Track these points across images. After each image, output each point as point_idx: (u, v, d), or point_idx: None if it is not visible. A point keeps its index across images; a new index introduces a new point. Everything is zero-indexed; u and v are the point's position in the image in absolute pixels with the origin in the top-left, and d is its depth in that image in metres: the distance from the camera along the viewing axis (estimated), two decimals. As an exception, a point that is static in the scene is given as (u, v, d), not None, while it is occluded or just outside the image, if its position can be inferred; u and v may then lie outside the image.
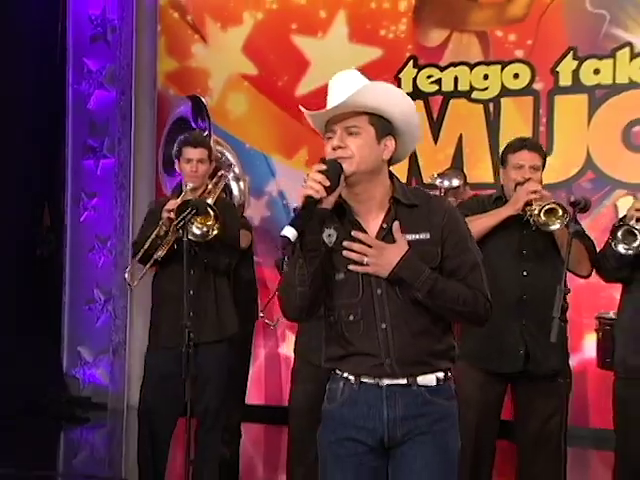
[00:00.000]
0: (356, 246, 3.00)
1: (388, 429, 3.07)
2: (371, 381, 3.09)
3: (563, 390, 4.55)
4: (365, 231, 3.09)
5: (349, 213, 3.10)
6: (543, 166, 4.73)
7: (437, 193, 7.01)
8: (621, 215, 6.60)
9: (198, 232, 4.98)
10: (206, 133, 6.73)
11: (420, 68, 7.96)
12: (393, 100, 3.03)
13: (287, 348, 7.62)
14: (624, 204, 7.14)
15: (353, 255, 3.01)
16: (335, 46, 8.17)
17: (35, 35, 8.40)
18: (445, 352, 3.15)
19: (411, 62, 7.96)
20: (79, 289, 8.75)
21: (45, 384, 8.38)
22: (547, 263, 4.23)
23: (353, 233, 3.02)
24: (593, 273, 4.74)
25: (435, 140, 7.98)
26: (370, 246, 2.95)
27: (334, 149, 2.95)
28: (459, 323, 3.66)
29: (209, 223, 5.01)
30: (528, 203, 4.44)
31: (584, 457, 7.01)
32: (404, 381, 3.04)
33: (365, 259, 2.99)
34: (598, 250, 4.67)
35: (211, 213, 5.02)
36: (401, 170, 7.60)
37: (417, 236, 3.07)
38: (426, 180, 7.84)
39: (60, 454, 7.84)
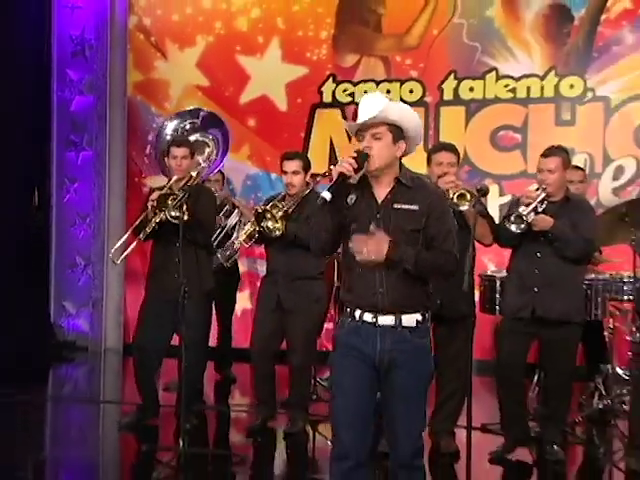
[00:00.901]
0: (357, 241, 3.36)
1: (379, 356, 3.43)
2: (370, 318, 3.46)
3: (470, 327, 4.80)
4: (377, 199, 3.48)
5: (368, 185, 3.49)
6: (457, 163, 5.24)
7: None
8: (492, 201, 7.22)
9: (175, 214, 5.31)
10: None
11: (338, 83, 8.26)
12: (407, 116, 3.44)
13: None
14: (492, 191, 7.30)
15: (357, 247, 3.38)
16: (270, 65, 8.42)
17: (26, 51, 8.34)
18: (421, 297, 3.52)
19: (331, 78, 8.27)
20: (63, 256, 8.87)
21: (37, 331, 8.49)
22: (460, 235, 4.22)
23: (354, 237, 3.39)
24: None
25: (349, 140, 7.80)
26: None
27: (365, 146, 3.41)
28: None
29: (183, 208, 5.31)
30: (447, 190, 4.82)
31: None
32: (392, 322, 3.43)
33: (364, 250, 3.32)
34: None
35: (186, 202, 5.35)
36: (322, 161, 8.04)
37: (409, 206, 3.46)
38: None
39: (49, 384, 8.01)
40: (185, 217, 5.26)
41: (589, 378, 6.21)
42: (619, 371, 6.16)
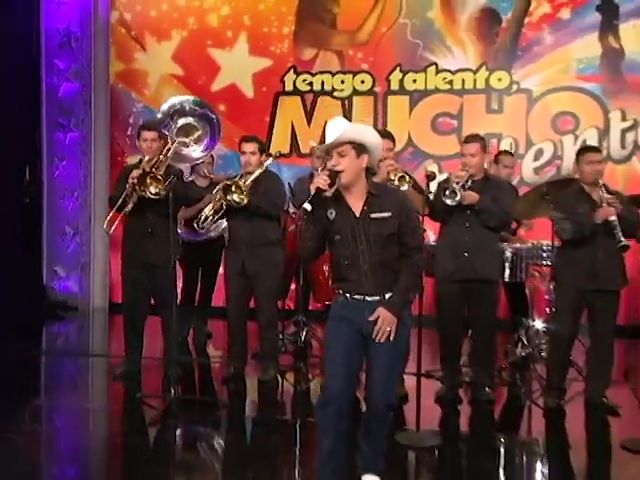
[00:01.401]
0: (381, 331, 3.56)
1: (365, 325, 3.58)
2: (359, 297, 3.65)
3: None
4: (354, 212, 3.63)
5: (344, 200, 3.61)
6: (394, 147, 5.40)
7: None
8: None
9: (154, 191, 5.37)
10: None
11: (298, 74, 8.37)
12: (365, 134, 3.57)
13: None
14: (431, 168, 7.57)
15: (381, 337, 3.56)
16: (239, 57, 8.47)
17: (17, 43, 8.22)
18: (394, 279, 3.67)
19: (292, 70, 8.37)
20: (54, 226, 8.80)
21: (31, 292, 8.45)
22: None
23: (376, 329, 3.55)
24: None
25: (308, 124, 8.34)
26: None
27: (334, 165, 3.53)
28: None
29: (160, 186, 5.35)
30: (388, 173, 4.99)
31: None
32: (378, 298, 3.61)
33: (386, 329, 3.56)
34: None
35: (161, 179, 5.39)
36: (284, 143, 8.32)
37: (383, 214, 3.62)
38: (303, 150, 8.20)
39: (43, 339, 8.01)
40: (164, 192, 5.31)
41: (514, 330, 6.35)
42: (538, 324, 6.28)
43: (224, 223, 6.37)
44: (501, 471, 4.42)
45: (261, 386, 5.74)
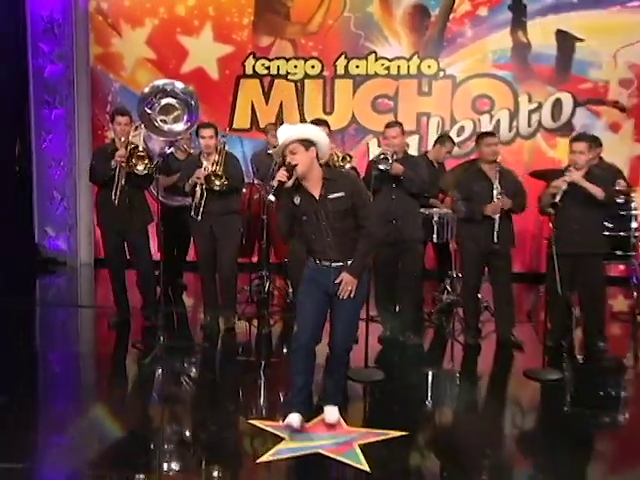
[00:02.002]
0: (344, 290, 3.76)
1: (331, 285, 3.79)
2: (326, 263, 3.85)
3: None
4: (314, 196, 3.80)
5: (305, 188, 3.78)
6: (330, 132, 5.53)
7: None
8: (372, 150, 7.57)
9: (141, 169, 5.47)
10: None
11: (257, 59, 8.32)
12: (307, 131, 3.80)
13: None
14: (372, 143, 8.07)
15: (344, 292, 3.75)
16: (204, 43, 8.39)
17: (5, 29, 8.08)
18: (353, 247, 3.83)
19: (252, 55, 8.33)
20: (43, 191, 8.79)
21: (25, 250, 8.51)
22: None
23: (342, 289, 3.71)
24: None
25: (266, 103, 8.34)
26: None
27: (289, 162, 3.72)
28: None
29: (146, 163, 5.48)
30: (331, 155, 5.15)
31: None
32: (341, 263, 3.82)
33: (347, 290, 3.75)
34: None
35: (146, 157, 5.50)
36: (245, 119, 8.32)
37: (338, 194, 3.81)
38: (262, 125, 8.01)
39: (37, 292, 8.03)
40: (147, 170, 5.44)
41: (441, 280, 6.61)
42: (460, 276, 6.34)
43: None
44: (429, 397, 4.71)
45: (228, 332, 5.80)
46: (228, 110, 8.36)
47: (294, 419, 3.71)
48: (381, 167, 5.22)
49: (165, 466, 3.57)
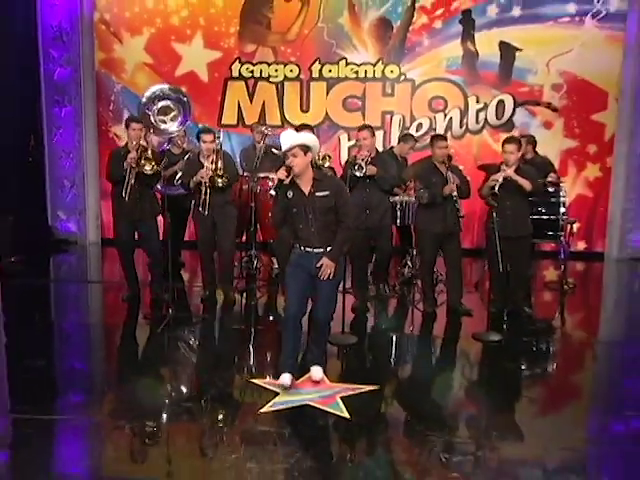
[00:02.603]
0: (324, 272, 3.92)
1: (313, 268, 3.97)
2: (309, 250, 4.02)
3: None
4: (305, 192, 3.95)
5: (298, 185, 3.95)
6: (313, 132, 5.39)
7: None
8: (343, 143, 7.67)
9: (149, 169, 5.54)
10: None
11: (242, 64, 8.30)
12: (306, 139, 3.98)
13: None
14: (343, 137, 8.17)
15: (324, 273, 3.91)
16: (196, 49, 8.37)
17: (19, 38, 8.00)
18: (333, 235, 3.99)
19: (237, 60, 8.32)
20: (55, 180, 8.71)
21: (40, 232, 8.49)
22: None
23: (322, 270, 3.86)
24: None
25: (250, 102, 8.33)
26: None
27: (289, 164, 3.92)
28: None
29: (153, 164, 5.53)
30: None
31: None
32: (322, 250, 4.00)
33: (327, 271, 3.91)
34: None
35: (152, 159, 5.57)
36: (232, 117, 8.33)
37: (324, 193, 3.98)
38: (247, 122, 8.03)
39: (51, 268, 8.03)
40: (152, 171, 5.53)
41: (402, 257, 6.78)
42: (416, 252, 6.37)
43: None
44: (393, 357, 4.98)
45: (227, 303, 5.92)
46: (217, 109, 8.39)
47: (286, 378, 3.97)
48: (357, 174, 5.36)
49: (180, 416, 3.78)
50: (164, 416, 3.84)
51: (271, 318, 5.81)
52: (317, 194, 3.97)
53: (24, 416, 3.56)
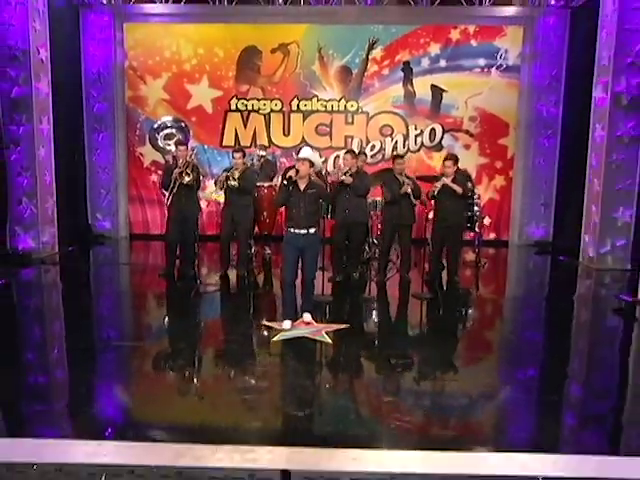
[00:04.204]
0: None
1: (300, 244, 4.51)
2: (297, 231, 4.55)
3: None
4: (300, 188, 4.45)
5: (297, 183, 4.49)
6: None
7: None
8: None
9: (187, 180, 6.03)
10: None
11: (239, 99, 8.79)
12: (313, 157, 4.61)
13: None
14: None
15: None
16: (203, 89, 8.79)
17: (69, 81, 8.22)
18: (317, 222, 4.59)
19: (235, 97, 8.79)
20: (94, 189, 9.06)
21: (82, 229, 8.84)
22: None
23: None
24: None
25: (244, 128, 8.79)
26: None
27: (297, 167, 4.49)
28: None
29: (189, 178, 6.03)
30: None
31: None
32: (306, 231, 4.55)
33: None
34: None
35: (191, 173, 6.06)
36: (231, 140, 8.66)
37: (312, 190, 4.56)
38: (243, 144, 8.46)
39: (91, 255, 8.37)
40: (190, 181, 6.04)
41: (365, 242, 6.87)
42: (375, 240, 6.93)
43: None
44: (358, 307, 5.68)
45: (237, 278, 6.45)
46: (219, 134, 8.85)
47: (287, 323, 4.68)
48: (343, 179, 5.92)
49: (219, 344, 4.57)
50: (208, 344, 4.65)
51: (273, 283, 6.49)
52: (308, 191, 4.67)
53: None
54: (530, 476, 2.58)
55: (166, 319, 5.51)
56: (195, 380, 3.98)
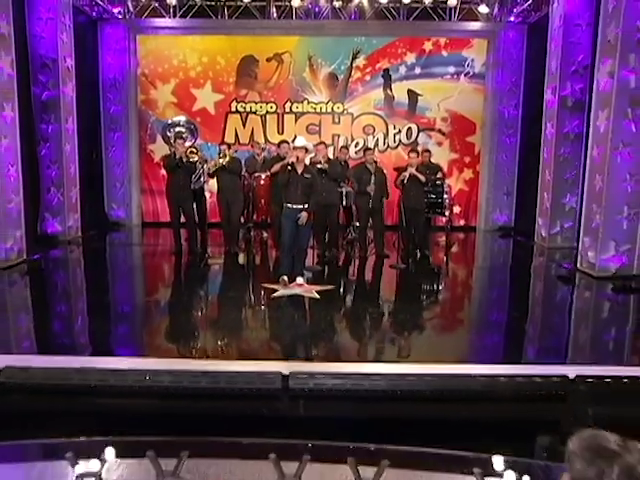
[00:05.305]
0: (303, 218, 5.01)
1: (295, 217, 5.10)
2: (294, 206, 5.20)
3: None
4: (298, 172, 5.03)
5: (295, 167, 5.09)
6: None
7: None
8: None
9: (195, 159, 6.80)
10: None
11: (238, 102, 9.38)
12: (309, 146, 5.28)
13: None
14: None
15: (302, 220, 4.99)
16: (206, 93, 9.39)
17: (89, 86, 8.72)
18: (307, 200, 5.13)
19: (235, 100, 9.39)
20: (110, 182, 9.61)
21: (99, 217, 9.36)
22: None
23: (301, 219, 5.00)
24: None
25: (243, 128, 9.40)
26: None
27: (296, 154, 5.13)
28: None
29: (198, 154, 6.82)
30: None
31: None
32: (301, 207, 5.19)
33: (304, 220, 5.04)
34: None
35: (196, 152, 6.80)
36: (232, 138, 9.21)
37: (307, 175, 5.13)
38: (242, 142, 9.03)
39: (107, 239, 8.82)
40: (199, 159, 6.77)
41: (347, 227, 7.82)
42: (357, 223, 7.35)
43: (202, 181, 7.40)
44: (342, 274, 6.50)
45: (232, 254, 7.16)
46: (220, 133, 9.47)
47: (284, 277, 5.45)
48: (319, 166, 6.51)
49: (227, 300, 5.39)
50: (215, 301, 5.52)
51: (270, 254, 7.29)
52: (304, 175, 5.43)
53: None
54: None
55: (181, 280, 6.40)
56: (215, 319, 4.88)
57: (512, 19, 9.28)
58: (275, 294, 5.34)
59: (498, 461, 1.78)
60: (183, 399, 3.37)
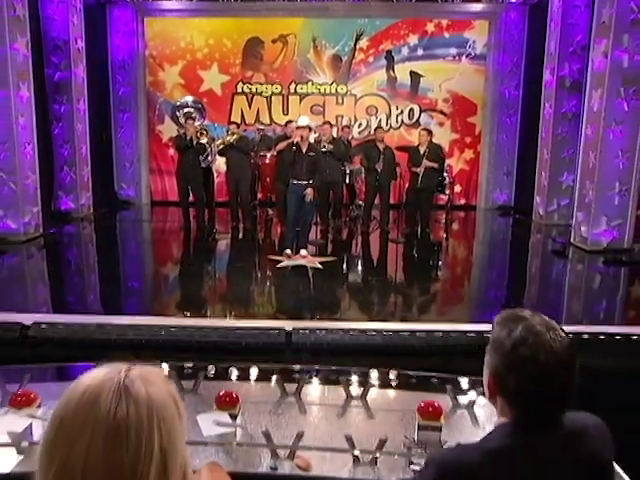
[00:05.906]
0: (308, 195, 5.24)
1: (301, 193, 5.32)
2: (299, 182, 5.45)
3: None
4: (303, 151, 5.25)
5: (300, 145, 5.32)
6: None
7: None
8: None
9: (205, 140, 6.89)
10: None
11: (244, 84, 9.52)
12: (312, 125, 5.46)
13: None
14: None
15: (308, 197, 5.26)
16: (213, 74, 9.53)
17: (100, 68, 8.88)
18: (312, 177, 5.37)
19: (241, 82, 9.55)
20: (119, 162, 9.76)
21: (109, 196, 9.50)
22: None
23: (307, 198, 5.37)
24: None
25: (249, 108, 9.58)
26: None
27: (300, 133, 5.34)
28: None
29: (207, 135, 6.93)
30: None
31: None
32: (306, 182, 5.43)
33: (309, 196, 5.31)
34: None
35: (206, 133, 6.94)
36: (238, 118, 9.15)
37: (311, 153, 5.36)
38: (247, 122, 9.22)
39: (117, 216, 9.09)
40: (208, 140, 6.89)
41: (351, 204, 8.19)
42: (360, 202, 7.94)
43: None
44: (345, 247, 6.73)
45: (244, 228, 7.51)
46: (227, 113, 9.61)
47: (288, 251, 5.70)
48: (323, 149, 6.67)
49: (235, 270, 5.75)
50: (224, 270, 5.86)
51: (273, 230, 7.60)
52: (309, 153, 5.68)
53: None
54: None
55: (190, 252, 6.72)
56: (223, 285, 5.26)
57: (513, 0, 9.36)
58: (280, 264, 5.60)
59: (467, 380, 2.07)
60: (195, 352, 3.66)
